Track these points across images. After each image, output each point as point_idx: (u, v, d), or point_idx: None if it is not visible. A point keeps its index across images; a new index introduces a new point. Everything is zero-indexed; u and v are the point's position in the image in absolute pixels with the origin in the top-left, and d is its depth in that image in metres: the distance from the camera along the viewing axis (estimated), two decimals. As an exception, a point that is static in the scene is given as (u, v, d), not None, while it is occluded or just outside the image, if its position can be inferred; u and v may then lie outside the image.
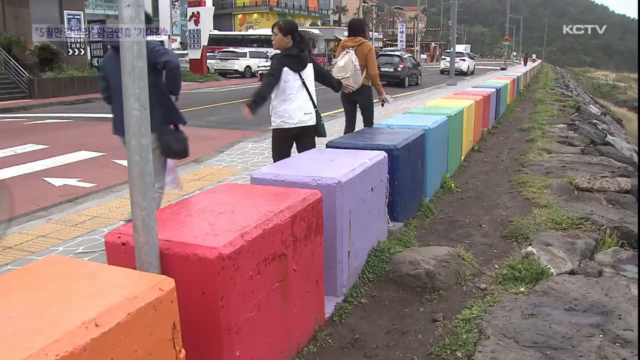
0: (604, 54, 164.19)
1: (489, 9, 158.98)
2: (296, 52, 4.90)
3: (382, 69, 19.21)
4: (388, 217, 4.39)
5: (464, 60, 38.24)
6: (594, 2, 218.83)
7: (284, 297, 2.63)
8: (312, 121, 4.98)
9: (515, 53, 72.33)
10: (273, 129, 5.06)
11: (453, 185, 6.30)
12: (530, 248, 4.09)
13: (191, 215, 2.56)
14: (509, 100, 16.21)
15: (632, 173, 7.00)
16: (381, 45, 64.33)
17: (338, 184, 3.20)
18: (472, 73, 38.52)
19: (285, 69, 4.84)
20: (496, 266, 4.03)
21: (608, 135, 13.25)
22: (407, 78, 25.71)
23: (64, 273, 2.04)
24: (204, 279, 2.14)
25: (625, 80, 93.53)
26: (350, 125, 6.75)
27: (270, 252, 2.45)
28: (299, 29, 5.02)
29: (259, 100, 4.73)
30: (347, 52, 6.37)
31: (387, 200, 4.26)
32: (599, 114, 22.55)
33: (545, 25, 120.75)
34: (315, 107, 5.01)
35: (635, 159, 10.13)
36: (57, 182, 7.07)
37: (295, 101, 4.89)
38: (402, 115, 7.24)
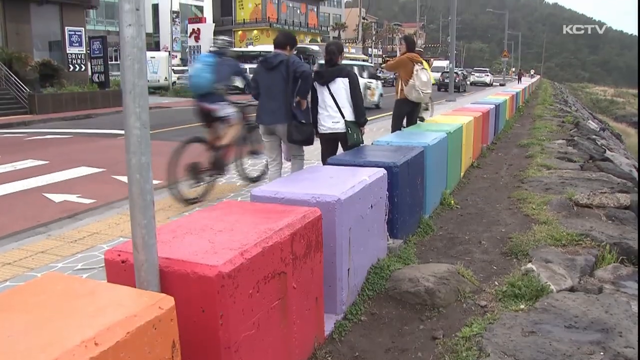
0: (602, 70, 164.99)
1: (488, 25, 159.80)
2: (322, 69, 5.89)
3: None
4: (388, 234, 4.39)
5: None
6: (592, 18, 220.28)
7: (284, 315, 2.62)
8: (341, 129, 5.68)
9: (514, 69, 72.66)
10: None
11: (452, 201, 6.30)
12: (530, 265, 4.08)
13: (191, 233, 2.56)
14: (508, 116, 16.26)
15: (632, 189, 7.01)
16: (380, 62, 64.63)
17: (337, 201, 3.20)
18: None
19: (315, 82, 5.75)
20: (496, 283, 4.02)
21: (607, 150, 13.28)
22: None
23: (63, 291, 2.04)
24: (204, 297, 2.14)
25: (623, 95, 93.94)
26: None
27: (270, 270, 2.45)
28: (331, 47, 5.91)
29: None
30: (422, 67, 7.66)
31: (387, 217, 4.27)
32: (598, 129, 22.62)
33: (543, 41, 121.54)
34: (343, 117, 5.66)
35: (635, 174, 10.15)
36: (56, 197, 7.07)
37: (324, 110, 5.74)
38: (401, 132, 7.26)
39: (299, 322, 2.77)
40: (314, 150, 7.40)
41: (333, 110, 5.68)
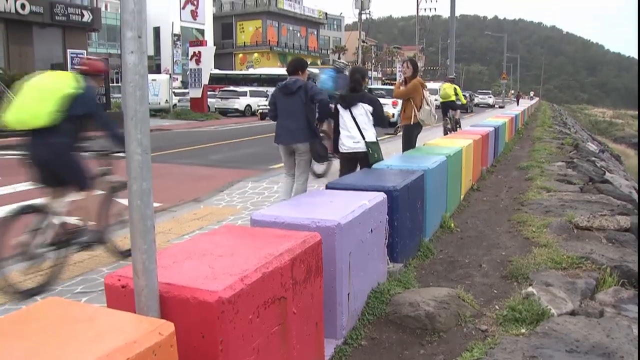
0: (601, 92, 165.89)
1: (487, 47, 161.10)
2: (347, 94, 6.39)
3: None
4: (388, 258, 4.39)
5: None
6: (589, 40, 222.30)
7: (284, 340, 2.61)
8: (361, 148, 6.14)
9: (513, 91, 73.17)
10: None
11: (452, 224, 6.30)
12: (530, 288, 4.08)
13: (191, 258, 2.56)
14: (508, 138, 16.32)
15: (632, 211, 7.00)
16: (380, 85, 65.06)
17: (338, 226, 3.21)
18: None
19: (338, 105, 6.30)
20: (496, 307, 4.01)
21: (606, 172, 13.29)
22: None
23: (62, 316, 2.04)
24: (204, 323, 2.14)
25: (622, 117, 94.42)
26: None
27: (270, 295, 2.45)
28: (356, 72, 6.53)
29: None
30: (428, 92, 8.08)
31: (387, 241, 4.27)
32: (598, 151, 22.67)
33: (542, 63, 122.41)
34: (363, 137, 6.13)
35: (635, 196, 10.15)
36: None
37: (346, 132, 6.19)
38: (401, 156, 7.30)
39: (299, 347, 2.76)
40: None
41: (354, 131, 6.14)
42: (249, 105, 33.98)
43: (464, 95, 29.96)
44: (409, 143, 8.41)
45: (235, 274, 2.30)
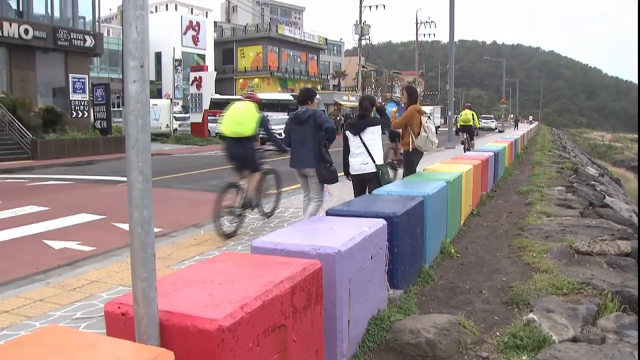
0: (600, 115, 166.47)
1: (486, 72, 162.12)
2: (354, 120, 7.09)
3: None
4: (388, 284, 4.37)
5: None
6: (588, 64, 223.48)
7: (284, 368, 2.60)
8: (370, 169, 6.75)
9: (512, 115, 73.54)
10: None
11: (453, 250, 6.29)
12: (531, 315, 4.06)
13: (191, 286, 2.56)
14: (507, 163, 16.35)
15: (632, 235, 6.99)
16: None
17: (338, 253, 3.21)
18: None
19: (347, 132, 6.95)
20: (497, 334, 3.99)
21: (606, 196, 13.30)
22: None
23: (62, 344, 2.04)
24: (204, 351, 2.13)
25: (621, 140, 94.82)
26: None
27: (270, 323, 2.45)
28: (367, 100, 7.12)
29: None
30: (428, 118, 8.21)
31: (387, 267, 4.26)
32: (597, 174, 22.70)
33: (540, 87, 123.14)
34: (373, 160, 6.74)
35: (635, 220, 10.14)
36: (56, 244, 7.07)
37: (356, 155, 6.83)
38: (401, 182, 7.31)
39: (299, 376, 2.75)
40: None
41: (364, 155, 6.76)
42: (249, 130, 34.08)
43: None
44: (409, 169, 8.46)
45: (236, 302, 2.30)
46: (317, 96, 7.19)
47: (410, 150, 8.31)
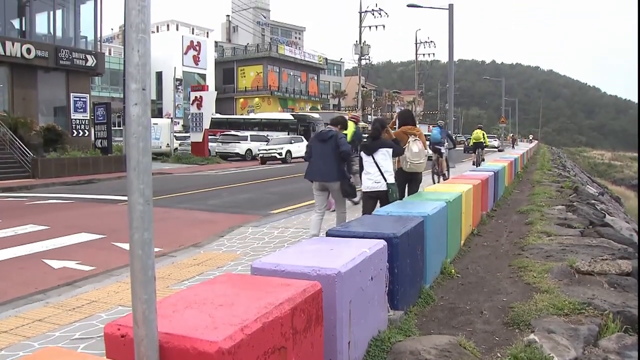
0: (599, 134, 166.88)
1: (485, 92, 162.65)
2: (369, 142, 7.60)
3: None
4: (388, 305, 4.36)
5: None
6: (587, 84, 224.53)
7: (283, 391, 2.58)
8: (381, 187, 7.23)
9: (511, 134, 73.72)
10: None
11: (453, 270, 6.27)
12: (532, 336, 4.04)
13: (191, 307, 2.56)
14: (507, 182, 16.35)
15: (633, 254, 6.98)
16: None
17: (338, 274, 3.21)
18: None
19: (362, 152, 7.50)
20: (498, 355, 3.97)
21: (607, 215, 13.27)
22: None
23: (61, 367, 2.04)
24: (203, 374, 2.12)
25: (621, 159, 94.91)
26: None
27: (270, 345, 2.44)
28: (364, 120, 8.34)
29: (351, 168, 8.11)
30: (415, 139, 8.37)
31: (387, 288, 4.25)
32: (597, 193, 22.68)
33: (540, 106, 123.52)
34: (385, 179, 7.22)
35: (635, 239, 10.11)
36: (56, 264, 7.06)
37: (368, 174, 7.33)
38: (401, 202, 7.31)
39: (299, 398, 2.73)
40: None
41: (376, 174, 7.26)
42: (249, 150, 34.26)
43: (469, 138, 36.20)
44: (400, 188, 8.72)
45: (236, 323, 2.30)
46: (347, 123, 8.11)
47: (397, 168, 8.54)
